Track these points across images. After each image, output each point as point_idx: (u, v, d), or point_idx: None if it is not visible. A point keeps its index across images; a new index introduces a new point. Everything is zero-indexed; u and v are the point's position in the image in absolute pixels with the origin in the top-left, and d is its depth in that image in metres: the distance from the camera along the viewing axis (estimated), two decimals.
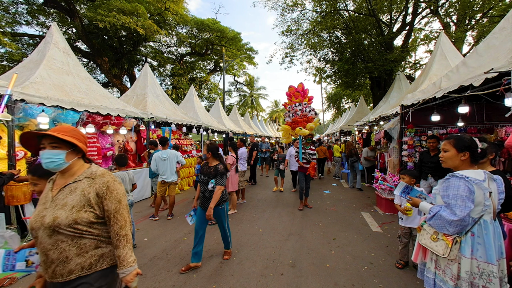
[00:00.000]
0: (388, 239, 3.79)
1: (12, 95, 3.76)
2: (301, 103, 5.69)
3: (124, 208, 1.36)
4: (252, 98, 40.52)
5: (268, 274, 2.86)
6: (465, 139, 1.62)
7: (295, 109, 5.69)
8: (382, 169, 6.98)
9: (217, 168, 2.97)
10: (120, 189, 1.37)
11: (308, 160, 5.40)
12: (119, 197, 1.34)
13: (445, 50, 6.24)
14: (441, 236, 1.58)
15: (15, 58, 13.23)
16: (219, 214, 3.07)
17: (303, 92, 5.80)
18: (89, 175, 1.34)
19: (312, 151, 5.52)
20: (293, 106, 5.74)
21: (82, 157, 1.40)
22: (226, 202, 3.18)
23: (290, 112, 5.83)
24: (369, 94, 16.60)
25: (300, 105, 5.68)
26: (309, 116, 5.66)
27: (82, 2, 15.09)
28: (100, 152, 6.12)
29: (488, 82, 2.97)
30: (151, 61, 20.96)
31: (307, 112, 5.67)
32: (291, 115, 5.77)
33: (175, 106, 9.46)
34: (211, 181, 2.93)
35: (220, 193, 2.91)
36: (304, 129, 5.42)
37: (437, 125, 5.37)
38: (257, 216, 5.05)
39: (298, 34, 13.90)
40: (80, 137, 1.36)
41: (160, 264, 3.10)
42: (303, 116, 5.66)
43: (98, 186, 1.30)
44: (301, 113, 5.65)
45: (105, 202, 1.30)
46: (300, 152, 5.48)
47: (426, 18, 12.79)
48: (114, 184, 1.35)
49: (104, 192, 1.30)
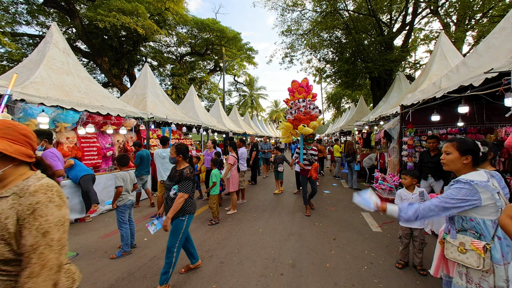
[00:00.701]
0: (388, 239, 3.79)
1: (12, 95, 3.76)
2: (305, 100, 5.26)
3: (50, 246, 0.90)
4: (252, 98, 40.55)
5: (268, 274, 2.86)
6: (468, 142, 1.56)
7: (298, 106, 5.25)
8: (382, 169, 6.98)
9: (183, 172, 2.56)
10: (55, 215, 0.93)
11: (310, 161, 5.03)
12: (46, 228, 0.90)
13: (445, 50, 6.24)
14: (470, 246, 1.43)
15: (15, 58, 13.23)
16: (177, 226, 2.56)
17: (307, 88, 5.37)
18: (19, 190, 0.94)
19: (314, 151, 5.15)
20: (296, 102, 5.30)
21: (28, 162, 1.04)
22: (191, 214, 2.66)
23: (293, 108, 5.39)
24: (369, 94, 16.61)
25: (304, 102, 5.24)
26: (312, 114, 5.23)
27: (82, 2, 15.10)
28: (100, 152, 6.13)
29: (488, 82, 2.97)
30: (151, 61, 20.96)
31: (311, 110, 5.24)
32: (293, 112, 5.34)
33: (175, 106, 9.46)
34: (173, 187, 2.57)
35: (181, 202, 2.49)
36: (307, 127, 4.99)
37: (437, 125, 5.37)
38: (257, 216, 5.05)
39: (298, 34, 13.91)
40: (15, 137, 0.99)
41: (160, 264, 3.10)
42: (306, 114, 5.25)
43: (21, 208, 0.90)
44: (305, 110, 5.24)
45: (24, 232, 0.88)
46: (301, 152, 5.11)
47: (426, 18, 12.82)
48: (46, 208, 0.92)
49: (26, 218, 0.89)
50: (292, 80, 5.60)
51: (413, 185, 2.94)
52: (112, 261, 3.22)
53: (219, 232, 4.17)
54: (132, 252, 3.44)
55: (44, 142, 3.22)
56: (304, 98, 5.28)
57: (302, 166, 4.98)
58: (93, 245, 3.73)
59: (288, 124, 5.38)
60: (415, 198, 2.87)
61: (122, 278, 2.80)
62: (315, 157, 5.14)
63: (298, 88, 5.38)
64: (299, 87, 5.36)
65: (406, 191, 2.96)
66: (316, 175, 4.97)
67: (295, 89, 5.43)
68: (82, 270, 2.93)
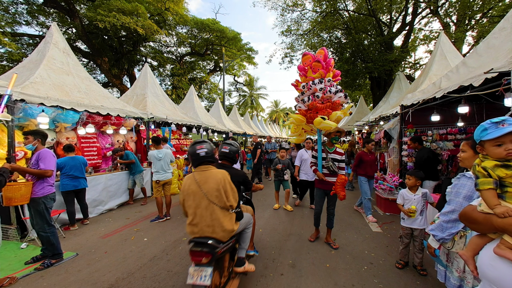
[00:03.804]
0: (388, 239, 3.79)
1: (12, 95, 3.76)
2: (323, 80, 3.54)
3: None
4: (252, 98, 40.54)
5: (268, 274, 2.86)
6: None
7: (314, 89, 3.55)
8: (382, 169, 6.98)
9: None
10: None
11: (332, 170, 3.43)
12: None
13: (445, 50, 6.25)
14: None
15: (15, 58, 13.22)
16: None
17: (325, 63, 3.65)
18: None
19: (339, 155, 3.53)
20: (309, 85, 3.57)
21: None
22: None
23: (305, 94, 3.69)
24: (369, 94, 16.62)
25: (322, 83, 3.52)
26: (335, 101, 3.57)
27: (82, 2, 15.10)
28: (100, 152, 6.13)
29: (488, 82, 2.97)
30: (151, 61, 20.97)
31: (332, 94, 3.55)
32: (307, 99, 3.65)
33: (175, 106, 9.46)
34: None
35: None
36: (328, 120, 3.39)
37: (437, 125, 5.37)
38: (257, 216, 5.05)
39: (298, 34, 13.92)
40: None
41: (160, 264, 3.10)
42: (325, 101, 3.56)
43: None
44: (323, 95, 3.53)
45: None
46: (319, 157, 3.55)
47: (426, 18, 12.84)
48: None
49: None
50: (303, 54, 3.88)
51: (416, 186, 2.94)
52: (112, 261, 3.22)
53: None
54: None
55: (37, 142, 3.19)
56: (321, 78, 3.57)
57: (321, 176, 3.49)
58: (93, 245, 3.73)
59: (300, 118, 3.75)
60: (417, 199, 2.87)
61: (122, 278, 2.80)
62: (341, 163, 3.53)
63: (312, 64, 3.65)
64: (314, 63, 3.62)
65: (409, 192, 2.96)
66: (344, 193, 3.35)
67: (308, 66, 3.72)
68: (82, 270, 2.95)
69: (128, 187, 6.15)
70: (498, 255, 1.03)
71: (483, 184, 1.10)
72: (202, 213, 2.02)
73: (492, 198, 1.07)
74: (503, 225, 1.01)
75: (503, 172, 1.07)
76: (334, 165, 3.44)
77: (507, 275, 0.99)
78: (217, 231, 2.02)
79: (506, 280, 1.00)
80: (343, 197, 3.31)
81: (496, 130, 1.10)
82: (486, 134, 1.14)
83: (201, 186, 2.04)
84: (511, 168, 1.06)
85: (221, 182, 2.05)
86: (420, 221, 2.84)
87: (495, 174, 1.08)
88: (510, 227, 0.99)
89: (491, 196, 1.08)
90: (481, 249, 1.15)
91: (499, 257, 1.03)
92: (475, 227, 1.17)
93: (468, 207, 1.24)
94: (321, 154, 3.55)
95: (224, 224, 2.03)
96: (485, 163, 1.13)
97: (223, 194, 2.03)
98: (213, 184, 2.03)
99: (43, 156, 3.07)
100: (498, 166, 1.09)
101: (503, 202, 1.07)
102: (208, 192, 2.02)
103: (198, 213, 2.03)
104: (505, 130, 1.07)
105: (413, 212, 2.81)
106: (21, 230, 3.91)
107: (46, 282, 2.74)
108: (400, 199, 2.99)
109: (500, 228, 1.03)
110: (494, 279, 1.04)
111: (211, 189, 2.03)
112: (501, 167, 1.08)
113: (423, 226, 2.85)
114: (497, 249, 1.04)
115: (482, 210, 1.12)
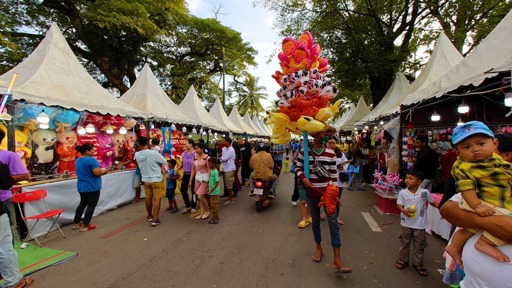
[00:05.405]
0: (388, 239, 3.79)
1: (12, 95, 3.76)
2: (308, 71, 2.95)
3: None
4: (252, 98, 40.51)
5: (268, 274, 2.86)
6: (508, 139, 1.52)
7: (297, 83, 2.97)
8: (382, 168, 6.98)
9: None
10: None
11: (321, 175, 2.94)
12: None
13: (445, 50, 6.25)
14: None
15: (15, 58, 13.23)
16: None
17: (310, 51, 3.02)
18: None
19: (328, 157, 3.02)
20: (292, 77, 2.99)
21: None
22: None
23: (288, 89, 3.12)
24: (369, 94, 16.62)
25: (307, 75, 2.94)
26: (322, 96, 3.03)
27: (82, 2, 15.11)
28: (100, 152, 6.12)
29: (488, 82, 2.97)
30: (151, 61, 20.98)
31: (319, 88, 2.98)
32: (289, 95, 3.07)
33: (175, 106, 9.46)
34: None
35: None
36: (314, 120, 2.88)
37: (437, 125, 5.37)
38: (257, 216, 5.05)
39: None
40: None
41: (160, 264, 3.10)
42: (311, 96, 3.03)
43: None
44: (308, 89, 2.97)
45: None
46: (305, 161, 3.07)
47: (426, 18, 12.84)
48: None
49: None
50: (283, 40, 3.17)
51: (416, 186, 2.93)
52: (112, 261, 3.22)
53: (219, 232, 4.17)
54: None
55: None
56: (306, 69, 2.96)
57: (308, 183, 3.00)
58: (93, 245, 3.73)
59: (281, 116, 3.17)
60: (417, 199, 2.86)
61: (122, 278, 2.80)
62: (332, 166, 3.01)
63: (295, 52, 2.99)
64: (297, 50, 2.96)
65: (409, 192, 2.95)
66: (334, 206, 2.79)
67: (290, 54, 3.07)
68: (82, 270, 2.95)
69: (134, 185, 6.19)
70: (478, 250, 1.10)
71: (463, 185, 1.17)
72: (260, 168, 5.32)
73: (473, 198, 1.14)
74: (484, 223, 1.08)
75: (479, 173, 1.14)
76: (324, 168, 2.93)
77: (489, 269, 1.06)
78: (265, 176, 5.27)
79: (487, 273, 1.07)
80: (333, 210, 2.78)
81: (462, 134, 1.18)
82: (455, 138, 1.23)
83: (261, 158, 5.40)
84: (485, 169, 1.13)
85: (268, 157, 5.44)
86: (420, 221, 2.84)
87: (472, 175, 1.15)
88: (490, 225, 1.06)
89: (471, 196, 1.15)
90: (464, 244, 1.23)
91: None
92: (457, 222, 1.25)
93: (448, 203, 1.30)
94: (307, 157, 3.04)
95: (268, 174, 5.31)
96: (462, 165, 1.20)
97: (269, 161, 5.38)
98: (265, 158, 5.40)
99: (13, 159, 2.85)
100: (474, 167, 1.16)
101: (482, 201, 1.14)
102: (264, 160, 5.36)
103: (260, 168, 5.31)
104: (468, 133, 1.16)
105: (413, 211, 2.81)
106: (21, 230, 3.92)
107: (46, 282, 2.74)
108: (400, 199, 2.99)
109: (481, 226, 1.10)
110: (477, 272, 1.11)
111: (265, 159, 5.38)
112: (477, 168, 1.15)
113: (423, 226, 2.85)
114: (477, 245, 1.11)
115: (464, 208, 1.19)
